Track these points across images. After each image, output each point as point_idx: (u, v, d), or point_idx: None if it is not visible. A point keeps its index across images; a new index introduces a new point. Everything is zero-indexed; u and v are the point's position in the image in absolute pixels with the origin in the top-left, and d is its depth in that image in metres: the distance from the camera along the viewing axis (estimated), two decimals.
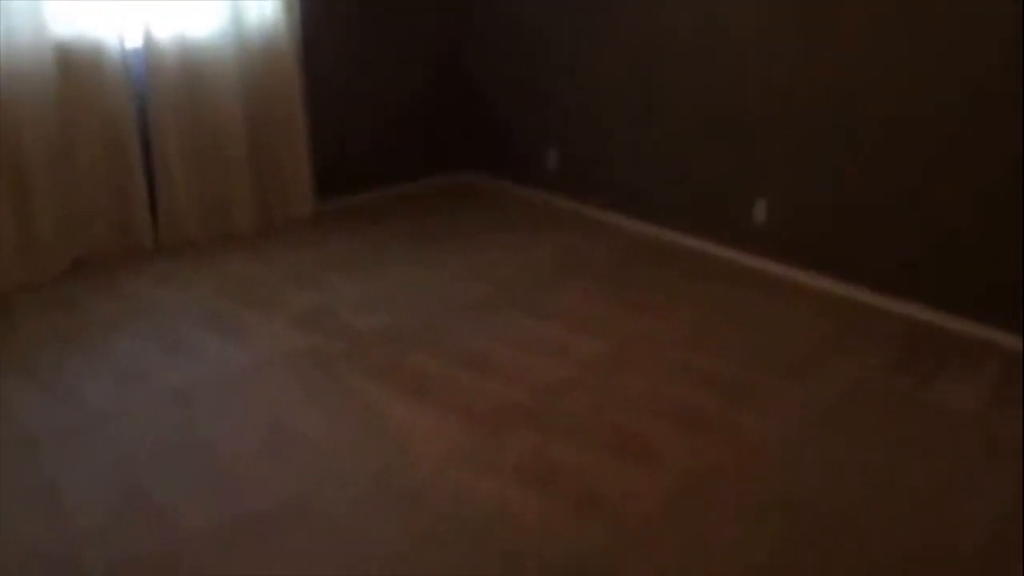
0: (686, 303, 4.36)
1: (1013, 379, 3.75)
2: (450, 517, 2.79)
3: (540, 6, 5.46)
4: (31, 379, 3.59)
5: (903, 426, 3.34)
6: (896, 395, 3.57)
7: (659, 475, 3.02)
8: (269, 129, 5.11)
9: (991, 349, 4.01)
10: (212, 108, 4.86)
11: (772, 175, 4.60)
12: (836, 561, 2.62)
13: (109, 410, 3.37)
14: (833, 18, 4.20)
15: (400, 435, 3.23)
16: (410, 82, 5.80)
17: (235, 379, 3.60)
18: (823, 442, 3.23)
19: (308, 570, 2.55)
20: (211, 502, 2.85)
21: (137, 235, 4.81)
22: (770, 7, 4.42)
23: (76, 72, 4.43)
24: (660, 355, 3.85)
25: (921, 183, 4.07)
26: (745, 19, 4.53)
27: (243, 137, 4.99)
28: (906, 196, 4.13)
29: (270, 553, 2.62)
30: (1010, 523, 2.83)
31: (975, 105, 3.83)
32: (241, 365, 3.71)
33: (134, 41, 4.64)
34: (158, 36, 4.61)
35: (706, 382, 3.63)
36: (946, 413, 3.46)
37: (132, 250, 4.82)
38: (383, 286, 4.52)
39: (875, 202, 4.23)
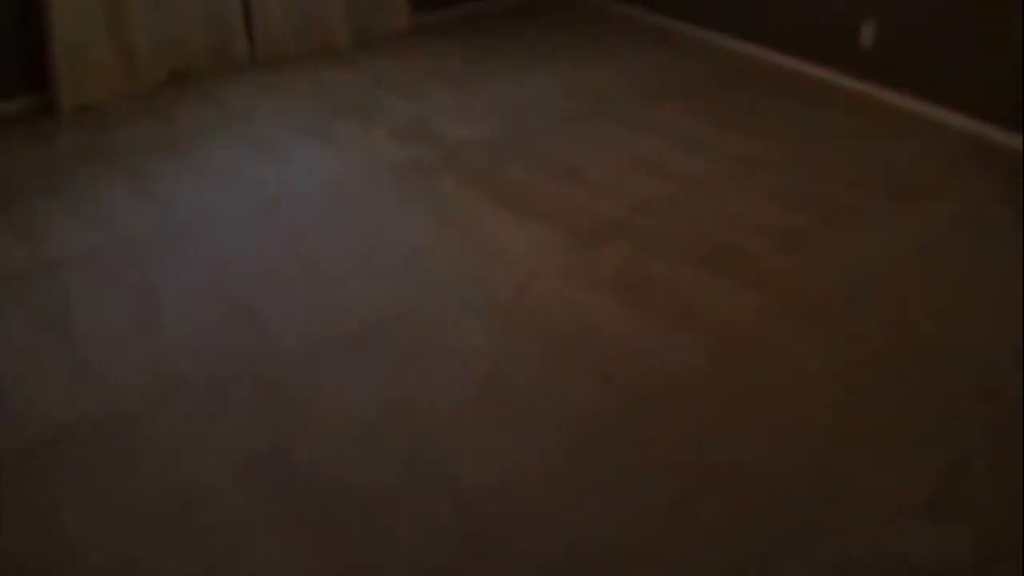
0: (787, 125, 4.22)
1: None
2: (543, 329, 2.84)
3: None
4: (131, 183, 3.71)
5: (1010, 257, 3.24)
6: (1004, 226, 3.44)
7: (756, 292, 3.01)
8: None
9: None
10: None
11: None
12: (939, 382, 2.61)
13: (207, 216, 3.48)
14: None
15: (495, 246, 3.26)
16: None
17: (331, 186, 3.65)
18: (928, 266, 3.16)
19: (405, 380, 2.63)
20: (310, 311, 2.94)
21: (232, 48, 4.80)
22: None
23: None
24: (759, 175, 3.77)
25: None
26: None
27: None
28: None
29: (366, 365, 2.70)
30: None
31: None
32: (337, 173, 3.76)
33: None
34: None
35: (806, 203, 3.55)
36: None
37: (228, 63, 4.82)
38: (480, 98, 4.48)
39: (989, 30, 3.96)
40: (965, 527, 2.12)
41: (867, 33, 4.43)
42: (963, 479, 2.26)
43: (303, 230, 3.37)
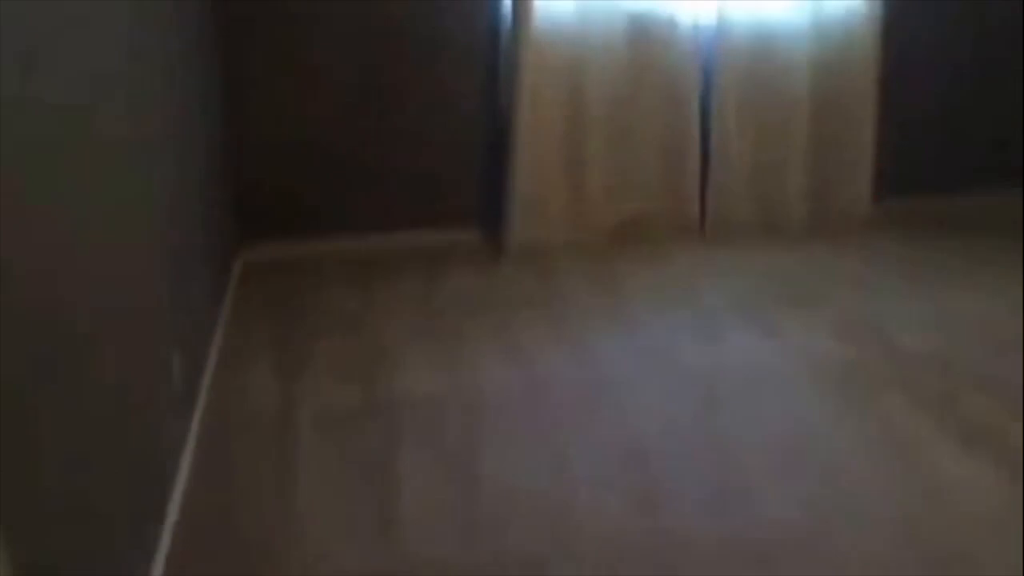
0: None
1: None
2: None
3: None
4: (559, 332, 3.80)
5: None
6: None
7: None
8: (834, 120, 4.81)
9: None
10: (777, 93, 4.70)
11: None
12: None
13: (626, 382, 3.43)
14: None
15: (934, 482, 2.85)
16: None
17: (762, 379, 3.45)
18: None
19: None
20: (716, 504, 2.74)
21: (684, 211, 4.82)
22: None
23: (646, 44, 4.52)
24: None
25: None
26: None
27: (805, 126, 4.77)
28: None
29: None
30: None
31: None
32: (772, 366, 3.54)
33: (707, 19, 4.61)
34: (732, 15, 4.56)
35: None
36: None
37: (677, 225, 4.84)
38: (941, 305, 4.06)
39: None
40: None
41: None
42: None
43: (723, 420, 3.19)
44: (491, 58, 4.53)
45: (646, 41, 4.52)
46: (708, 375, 3.46)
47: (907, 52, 4.89)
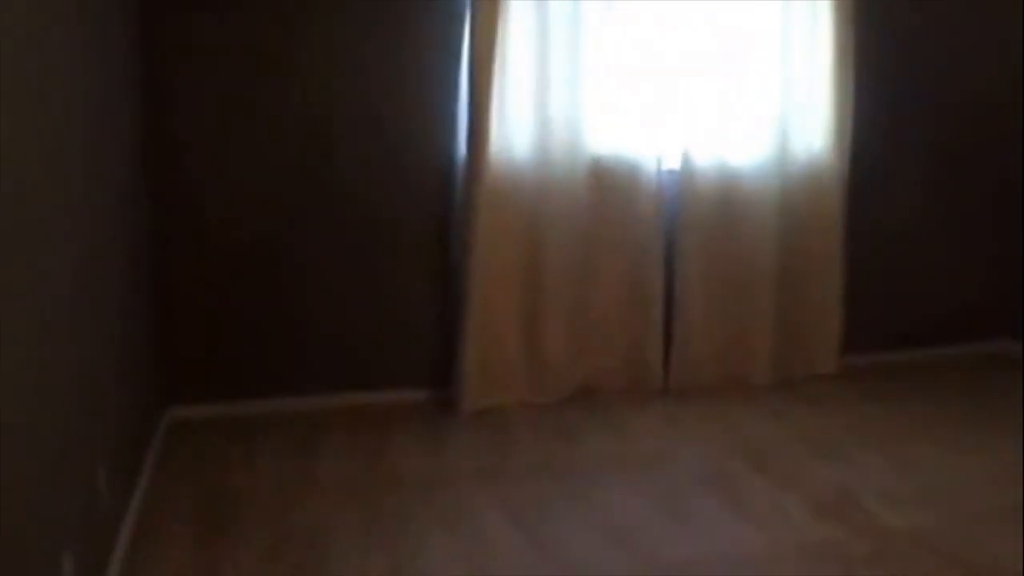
0: None
1: None
2: None
3: None
4: (512, 510, 3.42)
5: None
6: None
7: None
8: (801, 272, 4.65)
9: None
10: (743, 243, 4.53)
11: None
12: None
13: (590, 571, 3.05)
14: None
15: None
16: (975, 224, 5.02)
17: (739, 566, 3.09)
18: None
19: None
20: None
21: (646, 370, 4.56)
22: None
23: (609, 189, 4.34)
24: None
25: None
26: None
27: (772, 278, 4.58)
28: None
29: None
30: None
31: None
32: (748, 550, 3.20)
33: (671, 163, 4.46)
34: (697, 160, 4.39)
35: None
36: None
37: (639, 385, 4.57)
38: (920, 472, 3.79)
39: None
40: None
41: None
42: None
43: None
44: (444, 202, 4.30)
45: (609, 186, 4.34)
46: (680, 564, 3.10)
47: (872, 196, 4.79)
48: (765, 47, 4.34)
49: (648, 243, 4.41)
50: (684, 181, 4.40)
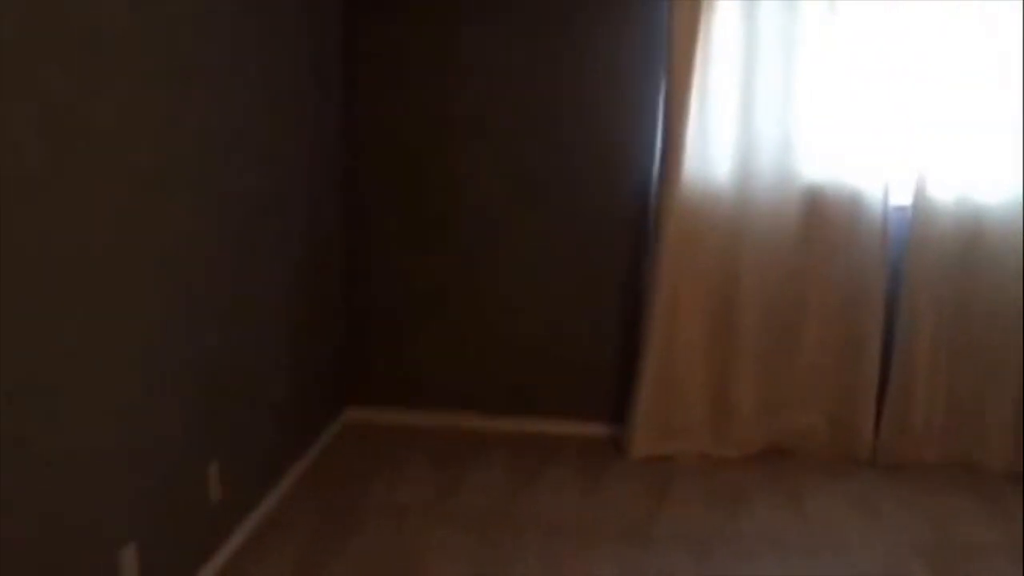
0: None
1: None
2: None
3: None
4: None
5: None
6: None
7: None
8: None
9: None
10: (987, 298, 3.80)
11: None
12: None
13: None
14: None
15: None
16: None
17: None
18: None
19: None
20: None
21: (852, 436, 3.93)
22: None
23: (824, 224, 3.80)
24: None
25: None
26: None
27: (1018, 343, 3.79)
28: None
29: None
30: None
31: None
32: None
33: (901, 196, 3.82)
34: (933, 194, 3.72)
35: None
36: None
37: (842, 452, 3.97)
38: None
39: None
40: None
41: None
42: None
43: None
44: (639, 229, 3.96)
45: (823, 220, 3.80)
46: None
47: None
48: (1014, 60, 3.61)
49: (867, 290, 3.80)
50: (916, 218, 3.75)
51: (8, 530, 1.91)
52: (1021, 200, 3.69)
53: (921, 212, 3.73)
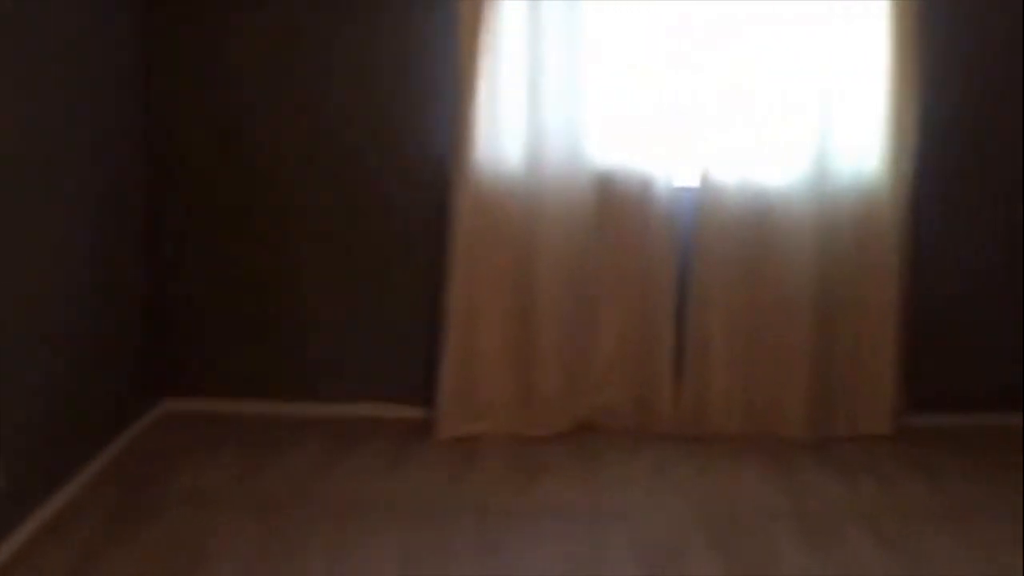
0: None
1: None
2: None
3: None
4: (402, 557, 3.10)
5: None
6: None
7: None
8: (846, 315, 4.00)
9: None
10: (774, 276, 3.96)
11: None
12: None
13: None
14: None
15: None
16: None
17: None
18: None
19: None
20: None
21: (654, 411, 4.08)
22: None
23: (615, 207, 3.94)
24: None
25: None
26: None
27: (809, 320, 3.96)
28: None
29: None
30: None
31: None
32: None
33: (686, 180, 3.97)
34: (718, 177, 3.89)
35: None
36: None
37: (646, 427, 4.09)
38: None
39: None
40: None
41: None
42: None
43: None
44: (440, 210, 4.01)
45: (614, 204, 3.94)
46: None
47: (943, 230, 4.08)
48: (804, 48, 3.78)
49: (659, 270, 3.96)
50: (703, 201, 3.91)
51: None
52: (806, 181, 3.86)
53: (707, 194, 3.89)
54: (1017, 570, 3.11)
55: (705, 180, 3.89)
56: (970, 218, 4.07)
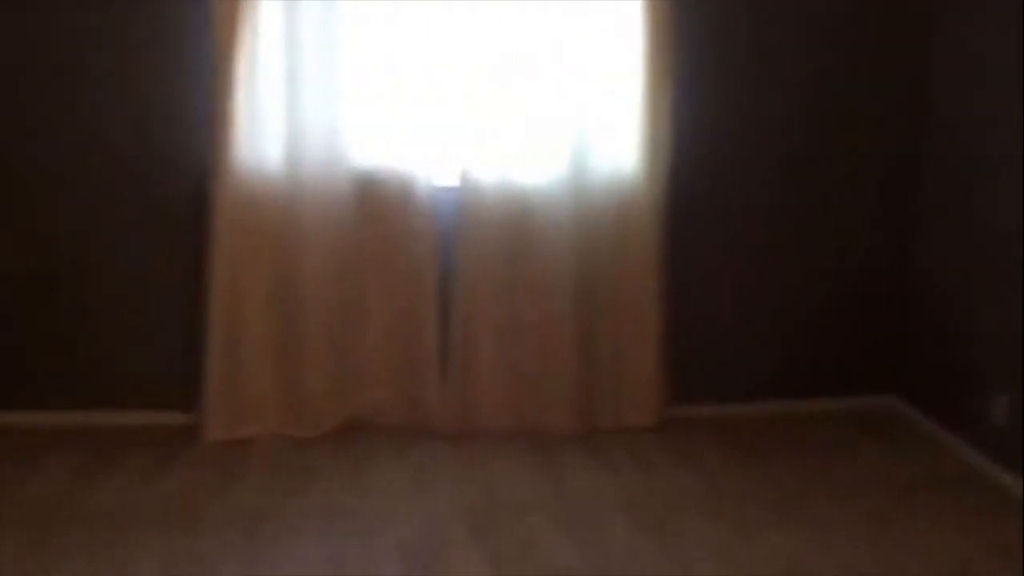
0: None
1: None
2: None
3: None
4: (161, 567, 3.05)
5: None
6: None
7: None
8: (609, 308, 4.12)
9: None
10: (537, 272, 4.04)
11: None
12: None
13: None
14: None
15: None
16: (820, 258, 4.39)
17: None
18: None
19: None
20: None
21: (422, 409, 4.11)
22: None
23: (377, 207, 3.94)
24: None
25: None
26: None
27: (571, 314, 4.06)
28: None
29: None
30: None
31: None
32: None
33: (447, 180, 4.01)
34: (478, 176, 3.93)
35: None
36: None
37: (415, 425, 4.12)
38: (690, 557, 3.24)
39: None
40: None
41: None
42: None
43: None
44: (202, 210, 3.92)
45: (376, 204, 3.94)
46: None
47: (702, 226, 4.26)
48: (561, 50, 3.86)
49: (422, 269, 3.98)
50: (464, 200, 3.95)
51: None
52: (564, 180, 3.93)
53: (468, 194, 3.93)
54: (775, 550, 3.29)
55: (465, 179, 3.93)
56: (725, 216, 4.26)
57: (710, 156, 4.18)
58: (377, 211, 3.93)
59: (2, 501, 3.41)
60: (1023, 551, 3.31)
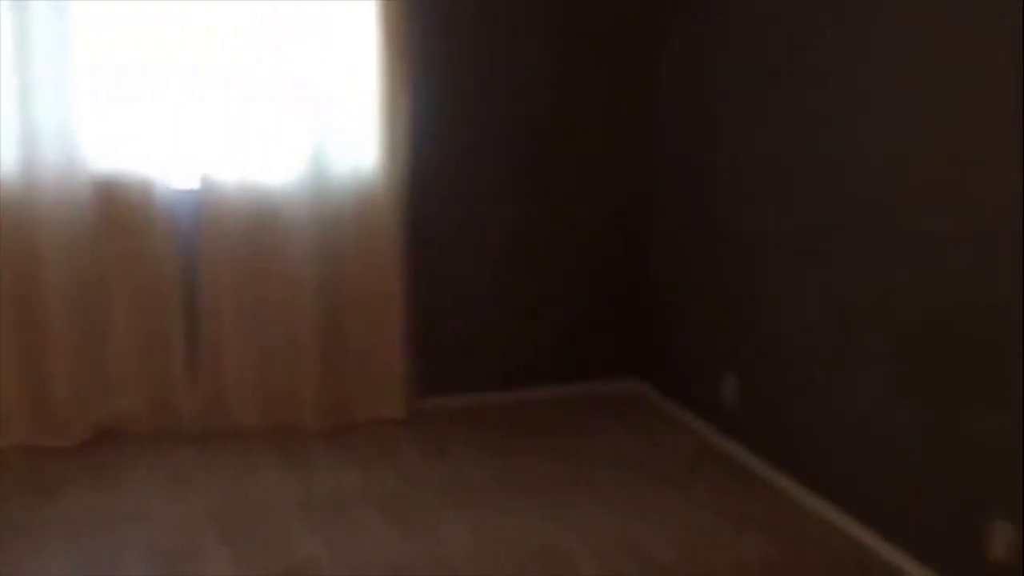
0: None
1: None
2: None
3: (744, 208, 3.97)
4: None
5: None
6: None
7: None
8: (354, 305, 4.19)
9: None
10: (281, 273, 4.06)
11: None
12: None
13: None
14: None
15: None
16: (564, 249, 4.55)
17: None
18: None
19: None
20: None
21: (172, 413, 4.09)
22: None
23: (117, 212, 3.88)
24: None
25: None
26: None
27: (317, 312, 4.08)
28: None
29: None
30: None
31: None
32: None
33: (186, 182, 3.99)
34: (216, 179, 3.92)
35: None
36: None
37: (167, 429, 4.09)
38: (441, 545, 3.30)
39: None
40: None
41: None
42: None
43: None
44: None
45: (116, 209, 3.89)
46: None
47: (449, 224, 4.33)
48: (300, 51, 3.88)
49: (164, 272, 3.96)
50: (204, 202, 3.94)
51: None
52: (305, 180, 3.95)
53: (208, 195, 3.91)
54: (523, 534, 3.38)
55: (205, 181, 3.91)
56: (470, 211, 4.33)
57: (449, 154, 4.27)
58: (117, 215, 3.87)
59: None
60: (752, 517, 3.55)
